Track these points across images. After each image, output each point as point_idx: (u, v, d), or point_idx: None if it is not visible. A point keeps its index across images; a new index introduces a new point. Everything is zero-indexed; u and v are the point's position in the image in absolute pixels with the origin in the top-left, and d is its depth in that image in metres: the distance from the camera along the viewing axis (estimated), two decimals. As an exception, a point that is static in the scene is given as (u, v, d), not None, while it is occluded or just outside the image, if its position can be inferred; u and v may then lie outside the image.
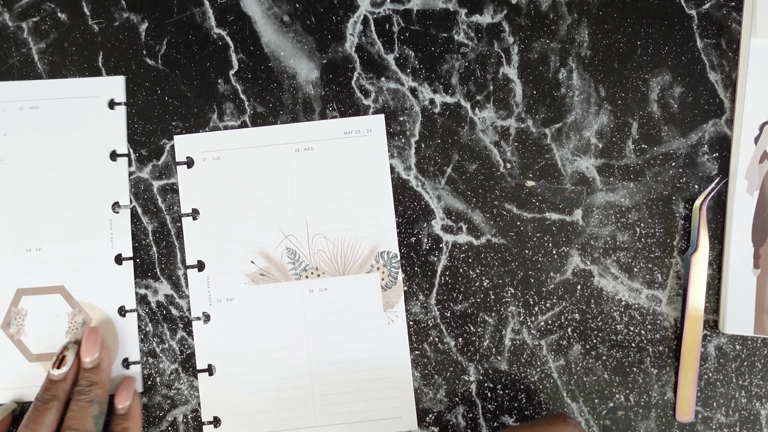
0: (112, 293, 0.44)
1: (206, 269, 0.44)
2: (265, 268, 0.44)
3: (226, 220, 0.44)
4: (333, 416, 0.44)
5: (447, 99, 0.45)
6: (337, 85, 0.45)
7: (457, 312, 0.44)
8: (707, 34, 0.44)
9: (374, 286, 0.44)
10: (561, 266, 0.44)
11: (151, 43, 0.45)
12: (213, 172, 0.45)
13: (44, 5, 0.45)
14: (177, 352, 0.44)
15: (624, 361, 0.44)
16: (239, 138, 0.45)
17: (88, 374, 0.41)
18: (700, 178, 0.44)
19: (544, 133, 0.45)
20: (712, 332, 0.44)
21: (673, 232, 0.44)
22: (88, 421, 0.40)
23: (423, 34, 0.45)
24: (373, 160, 0.44)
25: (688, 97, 0.44)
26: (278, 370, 0.44)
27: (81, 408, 0.40)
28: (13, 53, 0.45)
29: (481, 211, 0.44)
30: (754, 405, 0.44)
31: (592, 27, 0.45)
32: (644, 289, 0.44)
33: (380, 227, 0.44)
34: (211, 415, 0.44)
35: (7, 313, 0.44)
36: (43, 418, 0.40)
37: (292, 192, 0.44)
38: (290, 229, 0.44)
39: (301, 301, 0.44)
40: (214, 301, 0.44)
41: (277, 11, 0.45)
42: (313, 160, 0.45)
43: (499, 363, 0.44)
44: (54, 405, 0.40)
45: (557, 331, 0.44)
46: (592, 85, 0.44)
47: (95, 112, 0.45)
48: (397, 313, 0.44)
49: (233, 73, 0.45)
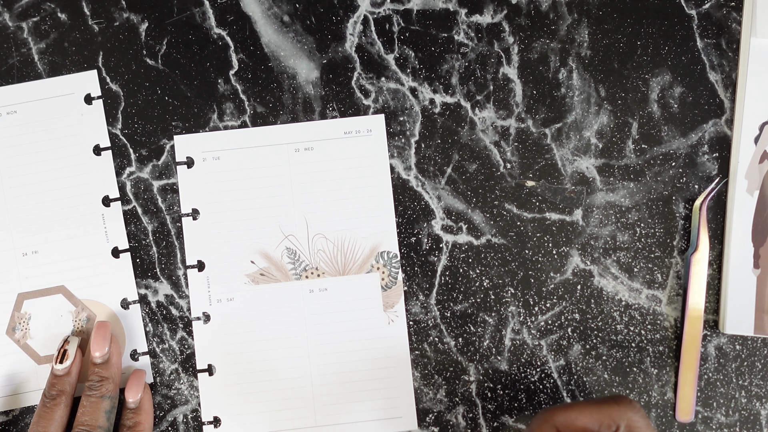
0: (112, 287, 0.44)
1: (206, 269, 0.44)
2: (265, 268, 0.44)
3: (226, 220, 0.44)
4: (333, 416, 0.44)
5: (447, 99, 0.45)
6: (337, 85, 0.45)
7: (457, 312, 0.44)
8: (707, 34, 0.44)
9: (374, 286, 0.44)
10: (561, 266, 0.44)
11: (151, 43, 0.45)
12: (213, 172, 0.45)
13: (44, 5, 0.45)
14: (177, 352, 0.44)
15: (624, 361, 0.44)
16: (239, 138, 0.45)
17: (99, 369, 0.41)
18: (700, 178, 0.44)
19: (544, 133, 0.45)
20: (712, 332, 0.44)
21: (673, 232, 0.44)
22: (101, 417, 0.40)
23: (423, 34, 0.45)
24: (373, 160, 0.44)
25: (688, 97, 0.44)
26: (278, 370, 0.44)
27: (93, 404, 0.40)
28: (13, 53, 0.45)
29: (481, 211, 0.44)
30: (754, 405, 0.44)
31: (592, 27, 0.45)
32: (644, 289, 0.44)
33: (380, 227, 0.44)
34: (211, 415, 0.44)
35: (10, 318, 0.44)
36: (53, 414, 0.40)
37: (292, 192, 0.44)
38: (290, 229, 0.44)
39: (301, 301, 0.44)
40: (214, 301, 0.44)
41: (277, 11, 0.45)
42: (313, 160, 0.44)
43: (499, 363, 0.44)
44: (62, 400, 0.40)
45: (557, 331, 0.44)
46: (592, 85, 0.44)
47: (73, 110, 0.45)
48: (397, 313, 0.44)
49: (233, 73, 0.45)
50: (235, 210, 0.44)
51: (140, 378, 0.42)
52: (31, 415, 0.44)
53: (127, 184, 0.45)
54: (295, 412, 0.44)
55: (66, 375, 0.41)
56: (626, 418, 0.35)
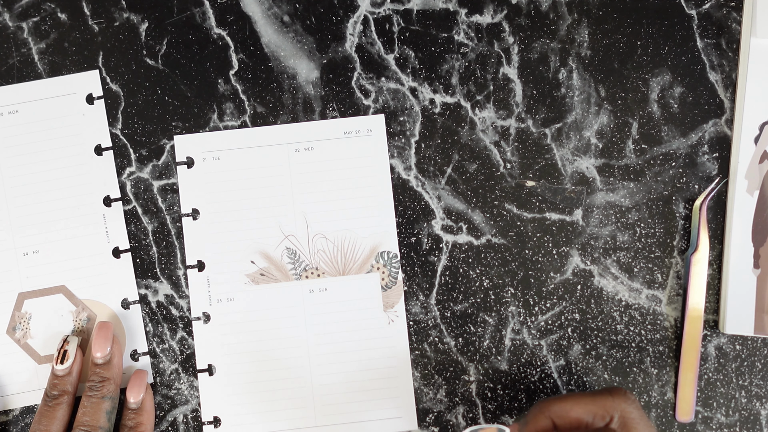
0: (113, 287, 0.44)
1: (206, 269, 0.44)
2: (265, 268, 0.44)
3: (226, 220, 0.44)
4: (333, 416, 0.44)
5: (447, 99, 0.45)
6: (337, 85, 0.45)
7: (457, 312, 0.44)
8: (707, 34, 0.44)
9: (374, 286, 0.44)
10: (561, 266, 0.44)
11: (151, 43, 0.45)
12: (213, 172, 0.45)
13: (44, 5, 0.45)
14: (177, 352, 0.44)
15: (624, 361, 0.44)
16: (239, 138, 0.45)
17: (100, 369, 0.41)
18: (700, 178, 0.44)
19: (544, 133, 0.45)
20: (712, 332, 0.44)
21: (673, 232, 0.44)
22: (101, 417, 0.40)
23: (423, 34, 0.45)
24: (373, 160, 0.44)
25: (688, 97, 0.44)
26: (278, 370, 0.44)
27: (94, 404, 0.40)
28: (13, 53, 0.45)
29: (481, 211, 0.44)
30: (754, 405, 0.44)
31: (592, 27, 0.44)
32: (644, 289, 0.44)
33: (380, 227, 0.44)
34: (211, 415, 0.44)
35: (11, 318, 0.44)
36: (55, 413, 0.40)
37: (292, 192, 0.44)
38: (290, 229, 0.44)
39: (301, 301, 0.44)
40: (214, 301, 0.44)
41: (277, 11, 0.45)
42: (313, 160, 0.45)
43: (499, 363, 0.44)
44: (64, 399, 0.40)
45: (557, 331, 0.44)
46: (592, 85, 0.44)
47: (75, 110, 0.45)
48: (397, 313, 0.44)
49: (233, 73, 0.45)
50: (235, 210, 0.44)
51: (142, 378, 0.42)
52: (31, 415, 0.44)
53: (127, 184, 0.45)
54: (295, 412, 0.44)
55: (67, 375, 0.41)
56: (620, 409, 0.35)
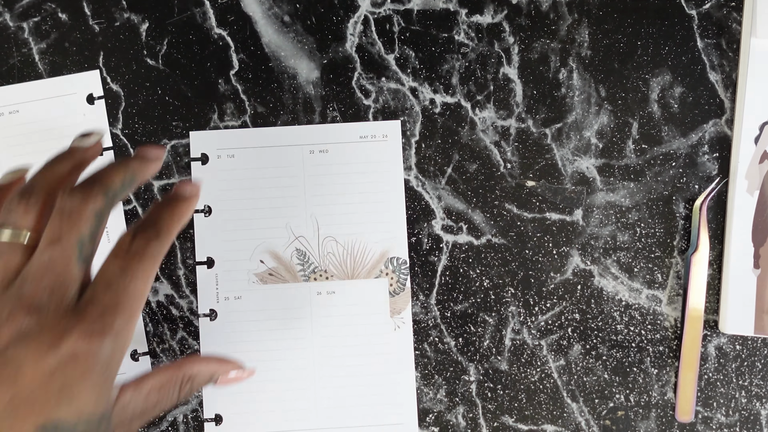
0: None
1: (215, 266, 0.44)
2: (274, 268, 0.44)
3: (238, 218, 0.44)
4: (334, 419, 0.44)
5: (447, 99, 0.45)
6: (337, 86, 0.45)
7: (457, 312, 0.44)
8: (707, 34, 0.44)
9: (382, 292, 0.44)
10: (561, 266, 0.44)
11: (152, 43, 0.45)
12: (227, 169, 0.44)
13: (45, 5, 0.45)
14: (177, 352, 0.44)
15: (624, 361, 0.44)
16: (254, 137, 0.44)
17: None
18: (700, 178, 0.44)
19: (545, 133, 0.45)
20: (712, 332, 0.44)
21: (673, 232, 0.44)
22: None
23: (423, 34, 0.45)
24: (387, 165, 0.44)
25: (689, 97, 0.44)
26: (282, 369, 0.44)
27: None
28: (13, 53, 0.45)
29: (482, 211, 0.44)
30: (754, 405, 0.44)
31: (592, 27, 0.45)
32: (644, 289, 0.44)
33: (391, 233, 0.44)
34: (212, 413, 0.44)
35: None
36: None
37: (304, 193, 0.44)
38: (301, 230, 0.44)
39: (308, 303, 0.44)
40: (222, 299, 0.44)
41: (278, 11, 0.45)
42: (328, 163, 0.44)
43: (499, 363, 0.44)
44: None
45: (557, 331, 0.44)
46: (592, 85, 0.44)
47: (75, 110, 0.45)
48: (403, 319, 0.44)
49: (234, 73, 0.45)
50: (246, 208, 0.44)
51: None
52: None
53: (127, 184, 0.45)
54: (297, 413, 0.44)
55: None
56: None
